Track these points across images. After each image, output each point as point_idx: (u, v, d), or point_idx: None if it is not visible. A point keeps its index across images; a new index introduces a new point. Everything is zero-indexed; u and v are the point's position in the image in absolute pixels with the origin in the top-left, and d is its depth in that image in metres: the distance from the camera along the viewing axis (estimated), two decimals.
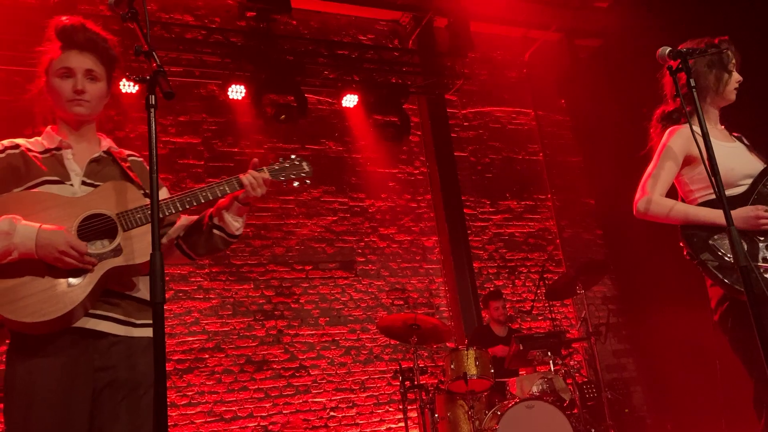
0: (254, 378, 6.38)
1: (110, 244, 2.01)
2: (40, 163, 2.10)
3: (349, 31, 7.98)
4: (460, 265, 7.30)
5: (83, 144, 2.21)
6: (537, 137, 8.66)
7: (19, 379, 1.92)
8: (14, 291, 1.91)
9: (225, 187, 2.22)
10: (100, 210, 2.04)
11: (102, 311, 2.01)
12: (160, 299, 1.48)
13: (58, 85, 2.13)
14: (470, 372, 4.97)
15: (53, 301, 1.90)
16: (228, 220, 2.27)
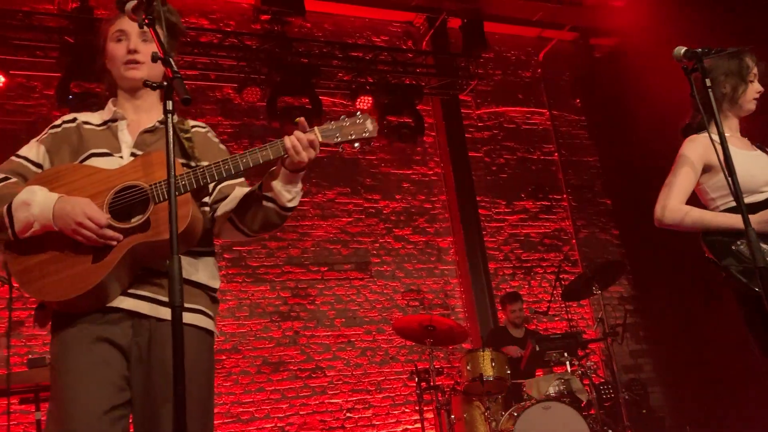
0: (271, 379, 6.41)
1: (140, 219, 1.85)
2: (94, 136, 2.03)
3: (363, 33, 8.00)
4: (476, 266, 7.28)
5: (141, 114, 2.10)
6: (552, 137, 8.63)
7: (57, 360, 1.86)
8: (39, 268, 1.84)
9: (268, 152, 1.95)
10: (135, 181, 1.89)
11: (144, 291, 1.90)
12: (179, 303, 1.47)
13: (112, 50, 2.06)
14: (486, 373, 4.96)
15: (76, 279, 1.81)
16: (278, 190, 1.99)
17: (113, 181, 1.89)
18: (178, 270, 1.51)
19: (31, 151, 2.03)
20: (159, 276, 1.90)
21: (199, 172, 1.89)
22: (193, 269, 1.99)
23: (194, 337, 1.93)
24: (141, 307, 1.88)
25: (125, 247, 1.82)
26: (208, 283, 2.02)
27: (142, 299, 1.88)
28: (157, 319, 1.87)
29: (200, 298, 1.99)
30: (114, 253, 1.82)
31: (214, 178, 1.90)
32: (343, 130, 2.08)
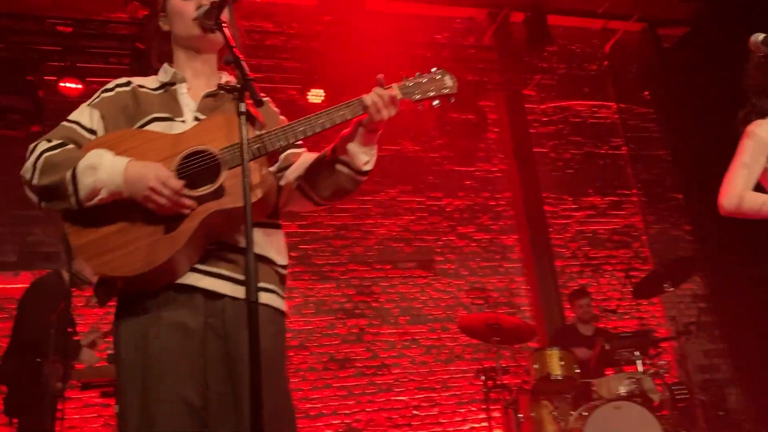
0: (337, 375, 6.49)
1: (212, 186, 1.70)
2: (153, 100, 1.90)
3: (424, 30, 7.98)
4: (542, 264, 7.17)
5: (201, 78, 1.98)
6: (620, 131, 8.41)
7: (123, 345, 1.74)
8: (105, 241, 1.67)
9: (345, 112, 1.86)
10: (203, 146, 1.75)
11: (218, 269, 1.75)
12: (255, 298, 1.48)
13: (180, 5, 1.94)
14: (554, 372, 4.88)
15: (144, 252, 1.65)
16: (353, 152, 1.88)
17: (178, 146, 1.75)
18: (255, 266, 1.50)
19: (83, 116, 1.89)
20: (233, 251, 1.78)
21: (273, 135, 1.80)
22: (264, 242, 1.87)
23: (268, 317, 1.82)
24: (219, 286, 1.75)
25: (200, 216, 1.68)
26: (277, 260, 1.90)
27: (219, 277, 1.75)
28: (232, 299, 1.74)
29: (271, 276, 1.88)
30: (188, 222, 1.68)
31: (288, 140, 1.80)
32: (422, 87, 1.98)
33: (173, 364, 1.68)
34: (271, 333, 1.82)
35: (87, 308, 5.69)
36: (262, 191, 1.75)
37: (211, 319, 1.73)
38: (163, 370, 1.67)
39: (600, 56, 8.68)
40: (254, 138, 1.77)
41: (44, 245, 6.04)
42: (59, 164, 1.73)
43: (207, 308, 1.74)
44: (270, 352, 1.77)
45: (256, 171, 1.75)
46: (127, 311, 1.76)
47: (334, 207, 6.97)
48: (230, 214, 1.70)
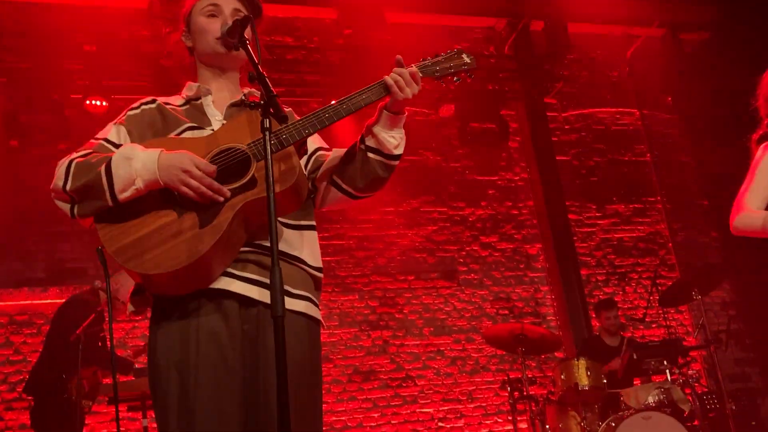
0: (362, 388, 6.48)
1: (244, 178, 1.72)
2: (180, 115, 1.93)
3: (443, 41, 7.99)
4: (567, 273, 7.11)
5: (224, 92, 2.01)
6: (644, 137, 8.33)
7: (159, 352, 1.73)
8: (139, 244, 1.68)
9: (369, 95, 1.87)
10: (230, 144, 1.78)
11: (251, 273, 1.75)
12: (281, 312, 1.48)
13: (204, 24, 1.96)
14: (582, 382, 4.83)
15: (182, 247, 1.65)
16: (382, 137, 1.87)
17: (207, 146, 1.78)
18: (280, 280, 1.50)
19: (111, 133, 1.90)
20: (265, 255, 1.77)
21: (299, 123, 1.81)
22: (298, 243, 1.87)
23: (302, 327, 1.80)
24: (250, 291, 1.74)
25: (235, 207, 1.69)
26: (312, 263, 1.89)
27: (250, 282, 1.75)
28: (265, 305, 1.69)
29: (306, 283, 1.86)
30: (223, 215, 1.69)
31: (316, 127, 1.81)
32: (441, 65, 2.03)
33: (212, 374, 1.67)
34: (305, 344, 1.79)
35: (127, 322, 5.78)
36: (293, 178, 1.75)
37: (246, 326, 1.73)
38: (202, 380, 1.66)
39: (621, 63, 8.62)
40: (282, 128, 1.78)
41: (73, 261, 6.13)
42: (92, 164, 1.74)
43: (242, 315, 1.74)
44: (304, 364, 1.75)
45: (289, 158, 1.77)
46: (163, 317, 1.76)
47: (356, 218, 6.99)
48: (264, 205, 1.65)
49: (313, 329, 1.84)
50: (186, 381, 1.67)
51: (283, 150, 1.77)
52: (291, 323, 1.70)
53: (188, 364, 1.68)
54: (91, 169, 1.73)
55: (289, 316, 1.65)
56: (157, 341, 1.76)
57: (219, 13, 1.97)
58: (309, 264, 1.89)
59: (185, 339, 1.71)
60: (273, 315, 1.47)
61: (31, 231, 6.11)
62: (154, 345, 1.76)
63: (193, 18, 2.01)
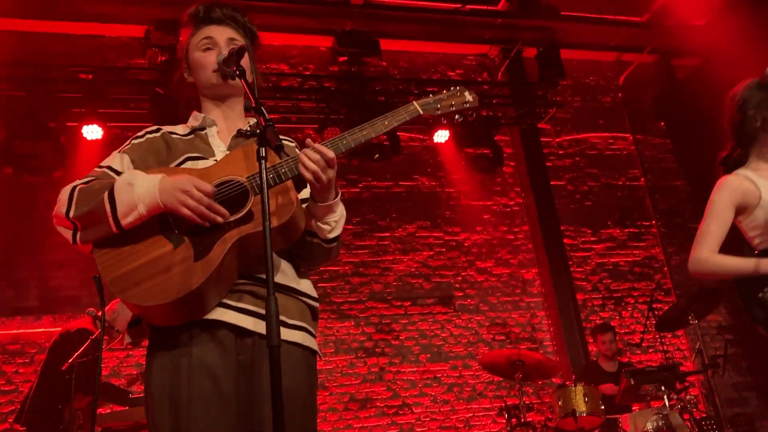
0: (358, 416, 6.41)
1: (241, 211, 1.73)
2: (183, 144, 1.94)
3: (437, 68, 8.07)
4: (563, 298, 7.10)
5: (229, 122, 2.02)
6: (637, 162, 8.38)
7: (155, 383, 1.72)
8: (136, 274, 1.68)
9: (369, 131, 1.87)
10: (230, 176, 1.79)
11: (246, 304, 1.75)
12: (277, 342, 1.47)
13: (200, 58, 1.98)
14: (579, 409, 4.79)
15: (177, 279, 1.66)
16: (317, 226, 1.87)
17: (208, 178, 1.78)
18: (275, 310, 1.50)
19: (115, 161, 1.91)
20: (258, 285, 1.78)
21: (294, 160, 1.80)
22: (294, 274, 1.88)
23: (299, 359, 1.79)
24: (245, 321, 1.73)
25: (230, 240, 1.70)
26: (309, 293, 1.90)
27: (245, 312, 1.74)
28: (261, 336, 1.68)
29: (303, 314, 1.86)
30: (218, 248, 1.69)
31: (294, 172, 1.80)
32: (442, 102, 2.03)
33: (205, 408, 1.66)
34: (301, 375, 1.78)
35: (121, 350, 5.71)
36: (290, 213, 1.75)
37: (242, 356, 1.72)
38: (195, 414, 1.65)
39: (614, 88, 8.71)
40: (282, 162, 1.80)
41: (66, 289, 6.09)
42: (95, 191, 1.76)
43: (237, 345, 1.73)
44: (300, 396, 1.74)
45: (284, 194, 1.78)
46: (158, 348, 1.76)
47: (352, 243, 6.98)
48: (259, 239, 1.66)
49: (309, 360, 1.84)
50: (178, 414, 1.66)
51: (282, 184, 1.78)
52: (287, 354, 1.70)
53: (180, 397, 1.67)
54: (95, 196, 1.74)
55: (285, 346, 1.64)
56: (152, 372, 1.75)
57: (214, 45, 1.99)
58: (308, 295, 1.89)
59: (177, 371, 1.70)
60: (269, 345, 1.46)
61: (24, 259, 6.08)
62: (149, 376, 1.76)
63: (190, 54, 2.04)
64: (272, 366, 1.43)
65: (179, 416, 1.65)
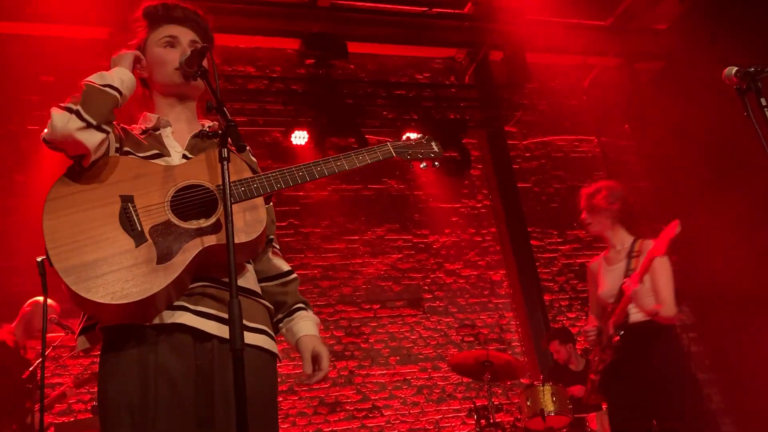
0: (328, 420, 6.38)
1: (208, 220, 1.71)
2: (140, 141, 1.91)
3: (405, 71, 8.09)
4: (531, 299, 7.16)
5: (182, 123, 1.99)
6: (602, 164, 8.50)
7: (110, 388, 1.67)
8: (93, 267, 1.61)
9: (343, 163, 2.01)
10: (198, 181, 1.77)
11: (207, 308, 1.72)
12: (240, 346, 1.46)
13: (162, 54, 1.95)
14: (547, 408, 4.83)
15: (133, 282, 1.60)
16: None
17: (173, 179, 1.77)
18: (239, 312, 1.49)
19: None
20: (218, 289, 1.75)
21: (271, 176, 1.83)
22: (254, 277, 1.90)
23: (259, 361, 1.78)
24: (208, 326, 1.70)
25: (195, 249, 1.67)
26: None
27: (205, 316, 1.71)
28: (221, 340, 1.69)
29: (262, 315, 1.86)
30: (183, 254, 1.66)
31: (288, 183, 1.85)
32: (412, 149, 2.21)
33: (165, 413, 1.62)
34: (262, 379, 1.78)
35: (71, 359, 5.58)
36: (259, 230, 1.76)
37: (200, 361, 1.69)
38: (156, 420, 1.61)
39: (579, 92, 8.81)
40: (254, 177, 1.81)
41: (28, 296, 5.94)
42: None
43: (196, 350, 1.69)
44: (261, 399, 1.73)
45: (255, 210, 1.78)
46: (113, 350, 1.70)
47: (321, 246, 6.96)
48: (224, 251, 1.65)
49: (269, 363, 1.84)
50: (138, 420, 1.61)
51: (252, 200, 1.78)
52: (247, 356, 1.66)
53: (140, 403, 1.62)
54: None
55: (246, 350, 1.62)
56: (107, 376, 1.70)
57: (177, 44, 1.97)
58: (261, 295, 1.90)
59: (135, 375, 1.65)
60: (232, 348, 1.44)
61: None
62: (104, 381, 1.70)
63: (149, 49, 2.00)
64: (236, 370, 1.41)
65: (140, 423, 1.61)
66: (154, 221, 1.71)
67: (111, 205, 1.72)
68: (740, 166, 5.81)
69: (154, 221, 1.71)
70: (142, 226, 1.70)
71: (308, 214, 7.02)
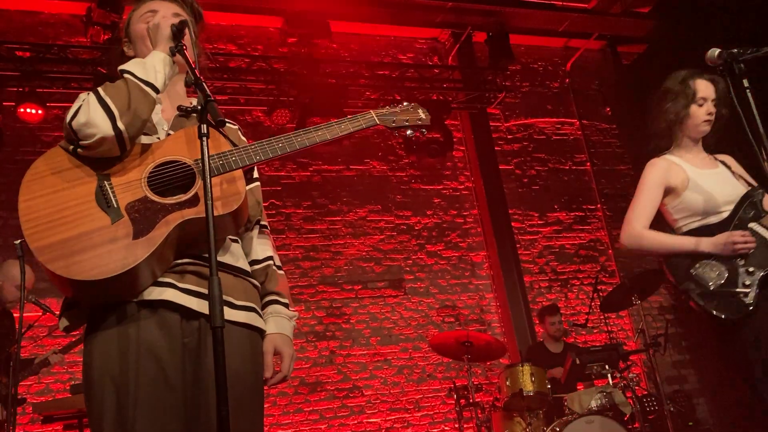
0: (308, 400, 6.40)
1: (186, 194, 1.70)
2: None
3: (388, 51, 8.04)
4: (511, 280, 7.21)
5: (172, 100, 1.97)
6: (583, 147, 8.54)
7: (96, 367, 1.64)
8: (69, 244, 1.59)
9: (323, 133, 1.92)
10: (176, 156, 1.76)
11: (194, 286, 1.70)
12: (220, 324, 1.45)
13: (143, 30, 1.92)
14: (527, 388, 4.88)
15: (110, 257, 1.58)
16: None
17: (152, 155, 1.76)
18: (219, 291, 1.47)
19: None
20: (206, 266, 1.68)
21: (250, 148, 1.81)
22: (242, 255, 1.87)
23: (248, 339, 1.78)
24: (191, 302, 1.68)
25: (173, 222, 1.65)
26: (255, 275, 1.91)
27: (191, 294, 1.69)
28: (207, 317, 1.62)
29: (250, 292, 1.84)
30: (161, 228, 1.64)
31: (267, 154, 1.83)
32: (398, 116, 2.08)
33: (151, 392, 1.60)
34: (247, 356, 1.76)
35: (49, 338, 5.52)
36: (237, 204, 1.74)
37: (187, 339, 1.67)
38: (141, 398, 1.59)
39: (562, 74, 8.83)
40: (232, 150, 1.79)
41: None
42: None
43: (183, 328, 1.68)
44: (245, 378, 1.73)
45: (233, 183, 1.76)
46: (99, 329, 1.67)
47: (302, 227, 6.94)
48: (203, 224, 1.63)
49: (255, 340, 1.82)
50: (124, 399, 1.59)
51: (230, 173, 1.76)
52: (233, 335, 1.69)
53: (126, 381, 1.61)
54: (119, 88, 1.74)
55: (231, 327, 1.66)
56: (92, 354, 1.67)
57: None
58: (252, 274, 1.89)
59: (122, 353, 1.63)
60: (212, 326, 1.43)
61: None
62: (89, 358, 1.68)
63: (132, 26, 1.99)
64: (215, 348, 1.41)
65: (125, 401, 1.59)
66: (130, 198, 1.69)
67: (87, 184, 1.71)
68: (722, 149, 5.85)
69: (131, 198, 1.70)
70: (119, 202, 1.68)
71: (290, 194, 6.98)
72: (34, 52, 6.14)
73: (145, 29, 1.93)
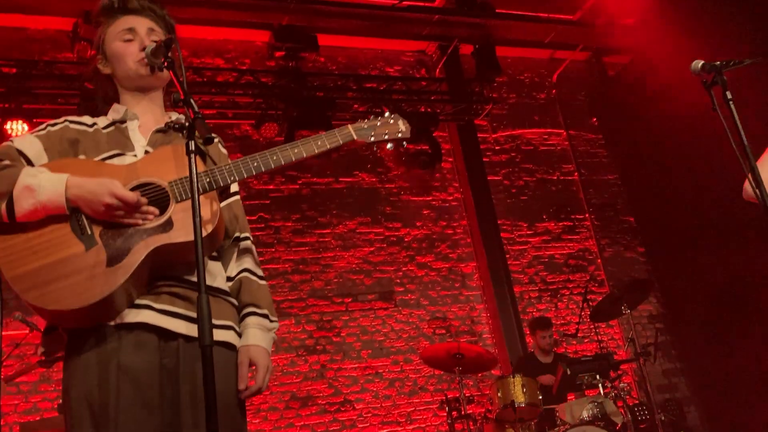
0: (300, 414, 6.36)
1: (159, 218, 1.68)
2: (102, 137, 1.87)
3: (376, 64, 8.07)
4: (501, 291, 7.21)
5: (149, 116, 1.96)
6: (571, 157, 8.59)
7: (74, 389, 1.64)
8: (43, 273, 1.59)
9: (302, 149, 1.90)
10: (150, 178, 1.73)
11: (172, 306, 1.70)
12: (209, 342, 1.44)
13: (120, 49, 1.92)
14: (518, 400, 4.88)
15: (85, 286, 1.57)
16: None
17: (125, 177, 1.73)
18: (207, 309, 1.47)
19: (25, 144, 1.81)
20: (186, 288, 1.73)
21: (224, 169, 1.79)
22: (219, 275, 1.87)
23: (226, 358, 1.78)
24: (174, 325, 1.69)
25: (145, 250, 1.64)
26: (229, 290, 1.90)
27: (169, 315, 1.69)
28: (186, 339, 1.68)
29: (228, 311, 1.85)
30: (133, 255, 1.63)
31: (242, 175, 1.81)
32: (376, 130, 2.05)
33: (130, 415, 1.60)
34: (230, 375, 1.78)
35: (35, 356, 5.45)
36: (212, 226, 1.73)
37: (166, 359, 1.67)
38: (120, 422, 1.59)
39: (548, 85, 8.89)
40: (204, 171, 1.77)
41: None
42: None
43: (162, 349, 1.68)
44: (230, 397, 1.75)
45: (207, 205, 1.74)
46: (76, 352, 1.67)
47: (292, 240, 6.92)
48: (180, 248, 1.67)
49: (233, 358, 1.83)
50: (104, 422, 1.59)
51: (206, 195, 1.74)
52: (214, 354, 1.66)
53: (106, 404, 1.60)
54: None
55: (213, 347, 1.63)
56: (71, 378, 1.68)
57: (135, 36, 1.95)
58: (228, 292, 1.89)
59: (101, 376, 1.63)
60: (201, 344, 1.43)
61: None
62: (68, 383, 1.68)
63: (108, 45, 1.98)
64: (205, 367, 1.40)
65: (104, 424, 1.59)
66: (104, 224, 1.68)
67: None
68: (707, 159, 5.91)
69: (105, 224, 1.69)
70: (92, 229, 1.68)
71: (279, 207, 6.97)
72: (20, 68, 6.11)
73: (122, 47, 1.93)
